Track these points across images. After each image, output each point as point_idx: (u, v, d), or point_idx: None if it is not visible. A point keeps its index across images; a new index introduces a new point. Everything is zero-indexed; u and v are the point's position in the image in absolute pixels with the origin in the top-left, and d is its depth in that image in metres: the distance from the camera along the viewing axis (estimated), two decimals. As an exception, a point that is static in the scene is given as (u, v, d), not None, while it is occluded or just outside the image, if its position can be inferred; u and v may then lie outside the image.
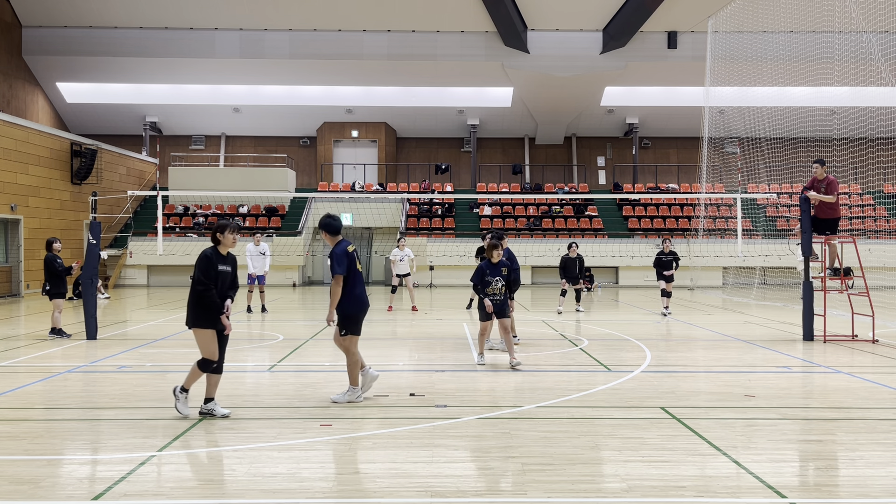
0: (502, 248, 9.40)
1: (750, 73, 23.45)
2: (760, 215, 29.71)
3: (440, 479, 4.94)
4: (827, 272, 12.07)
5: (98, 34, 29.31)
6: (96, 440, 6.02)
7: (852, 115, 22.96)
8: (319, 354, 10.62)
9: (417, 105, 33.41)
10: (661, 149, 36.15)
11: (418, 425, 6.39)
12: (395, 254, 17.72)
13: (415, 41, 29.58)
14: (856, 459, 5.41)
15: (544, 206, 31.34)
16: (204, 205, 30.80)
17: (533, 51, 29.34)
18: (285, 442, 5.86)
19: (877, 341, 11.52)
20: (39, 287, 17.53)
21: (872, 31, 19.76)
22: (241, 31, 29.39)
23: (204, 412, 6.63)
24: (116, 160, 29.34)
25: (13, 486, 4.81)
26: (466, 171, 35.40)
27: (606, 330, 13.67)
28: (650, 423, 6.38)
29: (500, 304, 9.29)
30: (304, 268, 29.57)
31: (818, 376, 8.89)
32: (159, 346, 11.36)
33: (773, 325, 14.23)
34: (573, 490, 4.72)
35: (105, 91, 32.19)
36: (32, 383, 8.32)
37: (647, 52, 29.55)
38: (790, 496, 4.61)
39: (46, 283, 12.60)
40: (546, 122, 34.36)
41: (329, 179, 34.17)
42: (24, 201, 23.25)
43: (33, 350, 10.94)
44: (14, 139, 22.96)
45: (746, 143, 26.16)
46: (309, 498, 4.60)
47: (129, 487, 4.77)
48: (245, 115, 34.17)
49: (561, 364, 9.71)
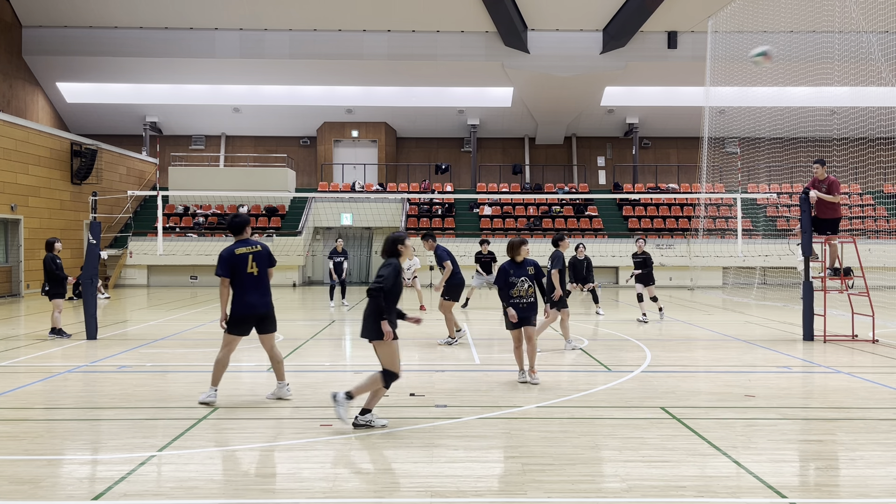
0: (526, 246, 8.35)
1: (750, 73, 23.40)
2: (760, 215, 29.71)
3: (440, 479, 4.94)
4: (827, 272, 12.06)
5: (98, 34, 29.31)
6: (96, 440, 6.02)
7: (852, 115, 22.95)
8: (319, 354, 10.62)
9: (417, 105, 33.41)
10: (661, 149, 36.15)
11: (418, 425, 6.38)
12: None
13: (415, 41, 29.58)
14: (856, 459, 5.41)
15: (544, 206, 31.34)
16: (204, 205, 30.80)
17: (533, 51, 29.34)
18: (285, 442, 5.86)
19: (877, 341, 11.51)
20: (39, 287, 17.52)
21: (872, 31, 19.75)
22: (241, 31, 29.39)
23: (361, 423, 6.25)
24: (116, 160, 29.34)
25: (13, 486, 4.81)
26: (466, 171, 35.40)
27: (606, 330, 13.67)
28: (650, 423, 6.38)
29: (526, 309, 8.20)
30: (304, 268, 29.58)
31: (818, 376, 8.89)
32: (159, 346, 11.36)
33: (773, 325, 14.22)
34: (573, 490, 4.72)
35: (105, 91, 32.19)
36: (32, 383, 8.32)
37: (647, 52, 29.55)
38: (790, 496, 4.61)
39: (46, 284, 12.62)
40: (546, 122, 34.36)
41: (329, 179, 34.17)
42: (24, 201, 23.25)
43: (33, 350, 10.94)
44: (14, 139, 22.97)
45: (746, 143, 26.16)
46: (309, 498, 4.60)
47: (129, 487, 4.77)
48: (245, 115, 34.17)
49: (561, 364, 9.71)
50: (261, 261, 7.34)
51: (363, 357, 10.39)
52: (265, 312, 7.40)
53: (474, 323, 14.82)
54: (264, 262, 7.39)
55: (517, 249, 8.28)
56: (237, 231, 7.44)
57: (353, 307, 18.25)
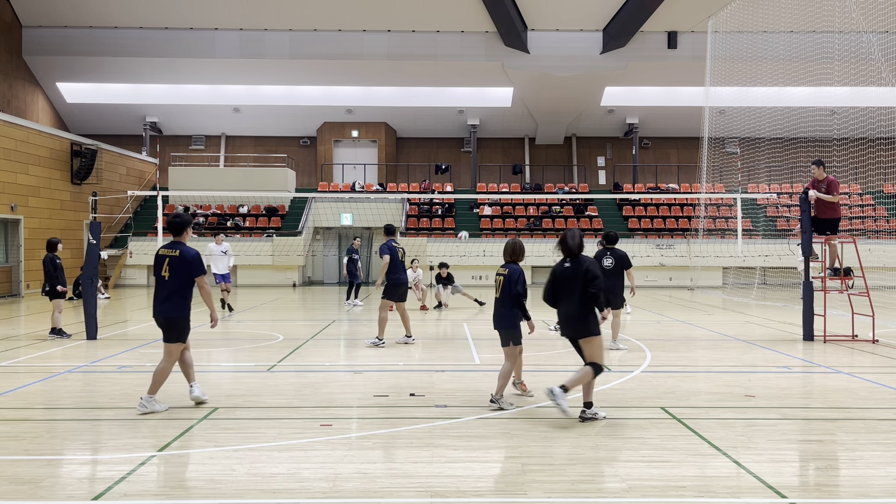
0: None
1: (750, 73, 23.44)
2: (760, 215, 29.71)
3: (440, 479, 4.94)
4: (827, 272, 12.06)
5: (98, 34, 29.31)
6: (96, 440, 6.02)
7: (852, 115, 22.94)
8: (319, 354, 10.62)
9: (417, 105, 33.41)
10: (661, 149, 36.15)
11: (418, 425, 6.38)
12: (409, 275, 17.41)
13: (415, 41, 29.59)
14: (856, 459, 5.41)
15: (544, 206, 31.34)
16: (204, 205, 30.81)
17: (533, 51, 29.34)
18: (285, 442, 5.85)
19: (877, 341, 11.51)
20: (39, 287, 17.53)
21: (872, 31, 19.75)
22: (241, 31, 29.39)
23: (588, 417, 6.51)
24: (116, 160, 29.34)
25: (13, 486, 4.81)
26: (466, 171, 35.40)
27: (606, 330, 13.66)
28: (650, 423, 6.38)
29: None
30: (304, 268, 29.58)
31: (818, 376, 8.89)
32: (159, 346, 11.28)
33: (773, 325, 14.22)
34: (573, 490, 4.72)
35: (105, 91, 32.19)
36: (32, 383, 8.32)
37: (647, 52, 29.55)
38: (790, 496, 4.61)
39: (46, 284, 12.60)
40: (546, 122, 34.36)
41: (329, 179, 34.17)
42: (24, 201, 23.25)
43: (33, 350, 10.94)
44: (14, 139, 22.97)
45: (746, 143, 26.15)
46: (309, 498, 4.60)
47: (129, 487, 4.77)
48: (245, 115, 34.17)
49: (561, 364, 9.70)
50: (175, 267, 6.91)
51: (363, 357, 10.39)
52: (162, 320, 6.98)
53: (474, 323, 14.83)
54: (180, 269, 6.92)
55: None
56: (175, 231, 7.14)
57: (362, 306, 18.27)
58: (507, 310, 7.21)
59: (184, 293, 6.99)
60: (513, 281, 7.19)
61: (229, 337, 12.73)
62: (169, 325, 6.99)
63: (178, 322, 6.99)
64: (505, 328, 7.24)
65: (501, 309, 7.24)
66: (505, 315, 7.22)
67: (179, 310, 6.96)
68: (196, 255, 7.06)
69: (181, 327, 7.02)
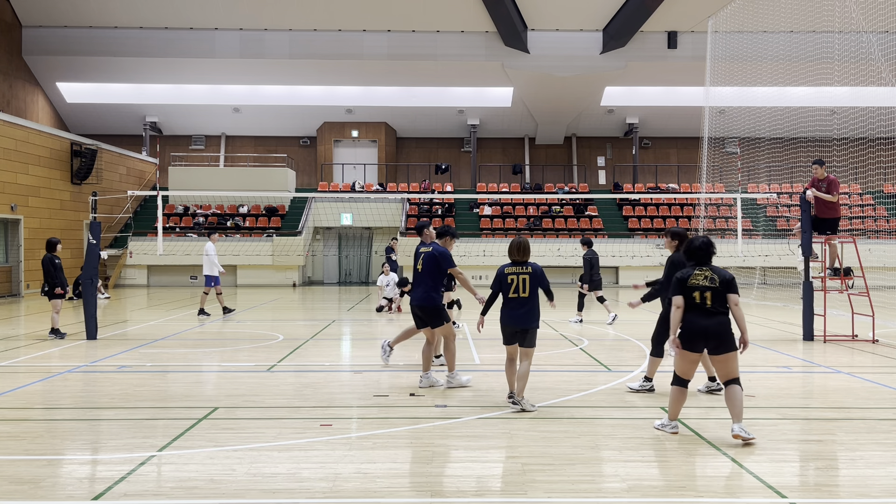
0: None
1: (750, 73, 23.42)
2: (760, 215, 29.71)
3: (440, 479, 4.94)
4: (827, 272, 12.06)
5: (98, 34, 29.30)
6: (96, 440, 6.02)
7: (852, 115, 22.94)
8: (319, 354, 10.62)
9: (417, 105, 33.40)
10: (661, 149, 36.14)
11: (418, 425, 6.38)
12: (382, 280, 17.07)
13: (415, 41, 29.58)
14: (856, 459, 5.41)
15: (544, 206, 31.34)
16: (204, 205, 30.81)
17: (533, 51, 29.35)
18: (285, 442, 5.85)
19: (877, 341, 11.51)
20: (39, 287, 17.53)
21: (872, 31, 19.74)
22: (241, 31, 29.38)
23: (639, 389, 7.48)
24: (116, 160, 29.34)
25: (13, 486, 4.81)
26: (466, 171, 35.39)
27: (606, 330, 13.66)
28: (650, 423, 6.38)
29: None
30: (304, 268, 29.59)
31: (818, 376, 8.89)
32: (159, 346, 11.36)
33: (773, 325, 14.22)
34: (573, 490, 4.72)
35: (105, 91, 32.19)
36: (32, 383, 8.32)
37: (647, 52, 29.55)
38: (790, 496, 4.61)
39: (45, 284, 12.59)
40: (546, 122, 34.35)
41: (329, 179, 34.17)
42: (24, 201, 23.25)
43: (33, 350, 10.94)
44: (14, 139, 22.96)
45: (746, 143, 26.15)
46: (309, 498, 4.60)
47: (129, 487, 4.77)
48: (245, 115, 34.16)
49: (561, 364, 9.71)
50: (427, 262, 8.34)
51: (363, 357, 10.40)
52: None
53: (474, 323, 14.79)
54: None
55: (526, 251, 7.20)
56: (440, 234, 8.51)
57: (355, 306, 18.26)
58: (537, 307, 7.05)
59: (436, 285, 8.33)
60: (541, 276, 7.11)
61: (229, 337, 12.73)
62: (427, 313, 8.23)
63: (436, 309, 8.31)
64: (537, 326, 7.06)
65: (526, 307, 7.00)
66: (536, 313, 7.04)
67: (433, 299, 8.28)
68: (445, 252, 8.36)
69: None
